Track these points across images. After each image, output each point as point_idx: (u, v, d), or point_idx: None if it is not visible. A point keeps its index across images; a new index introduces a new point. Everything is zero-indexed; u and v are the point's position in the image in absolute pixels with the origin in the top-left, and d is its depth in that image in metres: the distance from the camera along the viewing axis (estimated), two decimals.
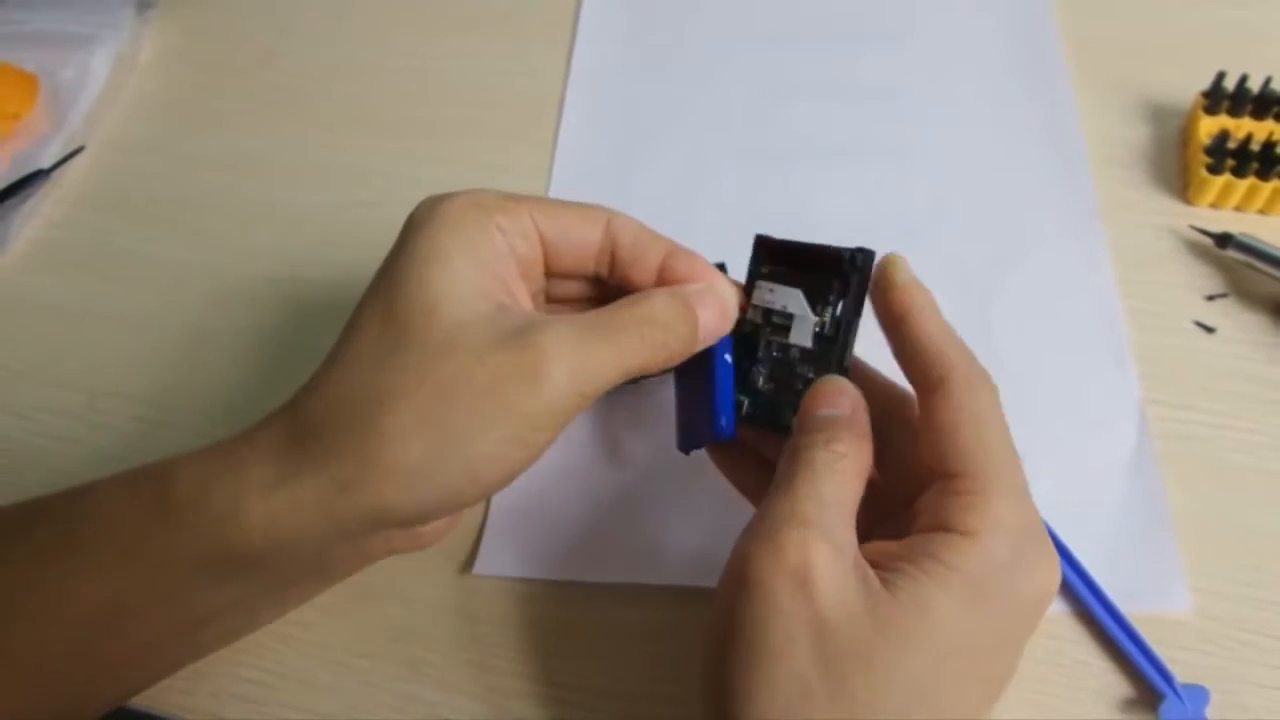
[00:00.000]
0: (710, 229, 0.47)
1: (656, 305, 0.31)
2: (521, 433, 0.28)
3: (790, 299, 0.33)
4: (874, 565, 0.28)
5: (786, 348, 0.33)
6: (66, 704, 0.30)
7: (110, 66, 0.54)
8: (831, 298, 0.32)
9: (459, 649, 0.36)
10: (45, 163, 0.50)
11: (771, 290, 0.33)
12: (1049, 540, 0.28)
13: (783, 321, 0.33)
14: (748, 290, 0.34)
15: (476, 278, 0.30)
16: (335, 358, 0.30)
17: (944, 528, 0.27)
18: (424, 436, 0.28)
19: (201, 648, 0.33)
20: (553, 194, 0.49)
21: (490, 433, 0.28)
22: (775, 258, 0.33)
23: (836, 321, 0.32)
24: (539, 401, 0.28)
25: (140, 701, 0.35)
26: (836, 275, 0.32)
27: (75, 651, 0.29)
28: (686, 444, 0.34)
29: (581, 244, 0.33)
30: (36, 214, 0.50)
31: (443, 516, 0.31)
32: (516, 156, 0.51)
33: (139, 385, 0.44)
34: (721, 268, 0.44)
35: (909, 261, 0.32)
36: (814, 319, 0.32)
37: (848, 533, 0.28)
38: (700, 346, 0.32)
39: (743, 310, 0.33)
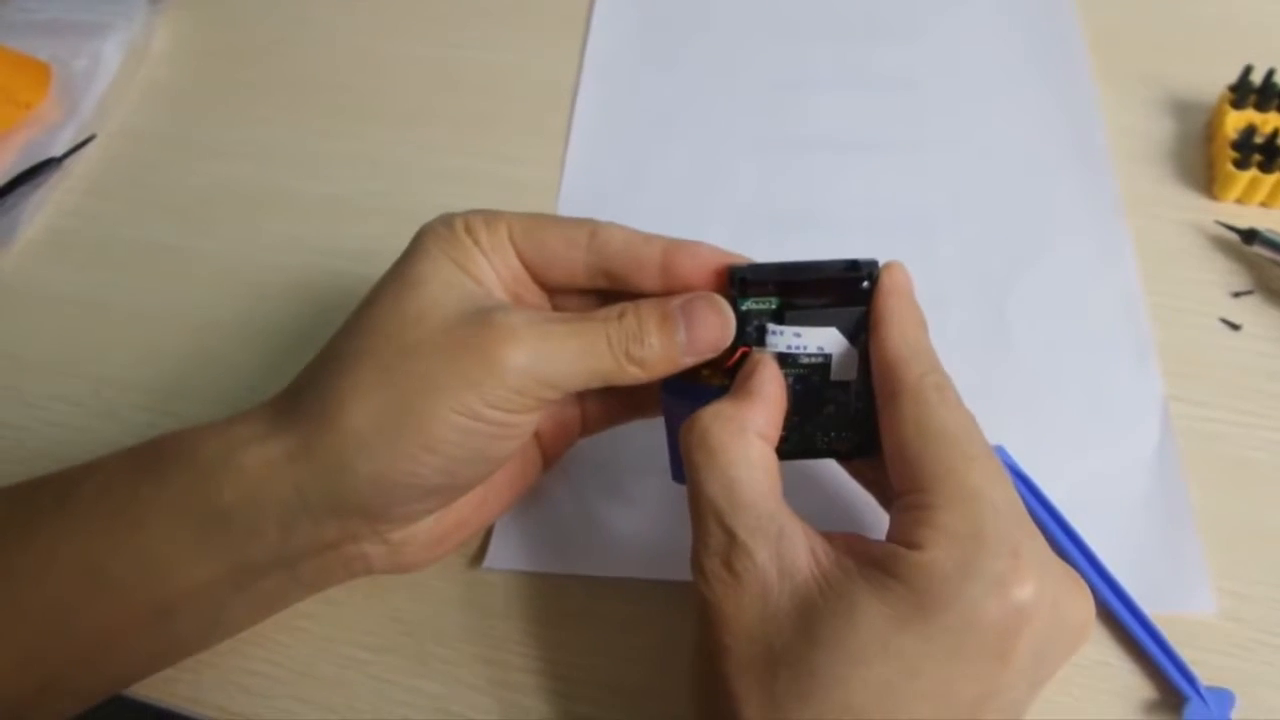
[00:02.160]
0: (725, 222, 0.47)
1: (629, 312, 0.30)
2: (475, 406, 0.28)
3: (823, 338, 0.31)
4: (840, 556, 0.27)
5: (806, 379, 0.31)
6: (40, 684, 0.30)
7: (122, 55, 0.54)
8: (863, 321, 0.30)
9: (468, 643, 0.36)
10: (56, 151, 0.50)
11: (798, 334, 0.31)
12: (1042, 561, 0.26)
13: (815, 362, 0.31)
14: (754, 339, 0.31)
15: (462, 276, 0.31)
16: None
17: (896, 541, 0.27)
18: (379, 397, 0.28)
19: (172, 643, 0.32)
20: (565, 186, 0.48)
21: (443, 399, 0.28)
22: (763, 288, 0.31)
23: (867, 342, 0.31)
24: (493, 375, 0.28)
25: (143, 692, 0.35)
26: (854, 294, 0.30)
27: (51, 624, 0.29)
28: (680, 474, 0.33)
29: (565, 262, 0.32)
30: (47, 203, 0.50)
31: (404, 502, 0.30)
32: (529, 148, 0.50)
33: (146, 375, 0.44)
34: None
35: (905, 269, 0.31)
36: (858, 351, 0.31)
37: (756, 525, 0.27)
38: (688, 363, 0.30)
39: (744, 353, 0.31)
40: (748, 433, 0.28)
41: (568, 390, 0.30)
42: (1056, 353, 0.41)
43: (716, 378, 0.31)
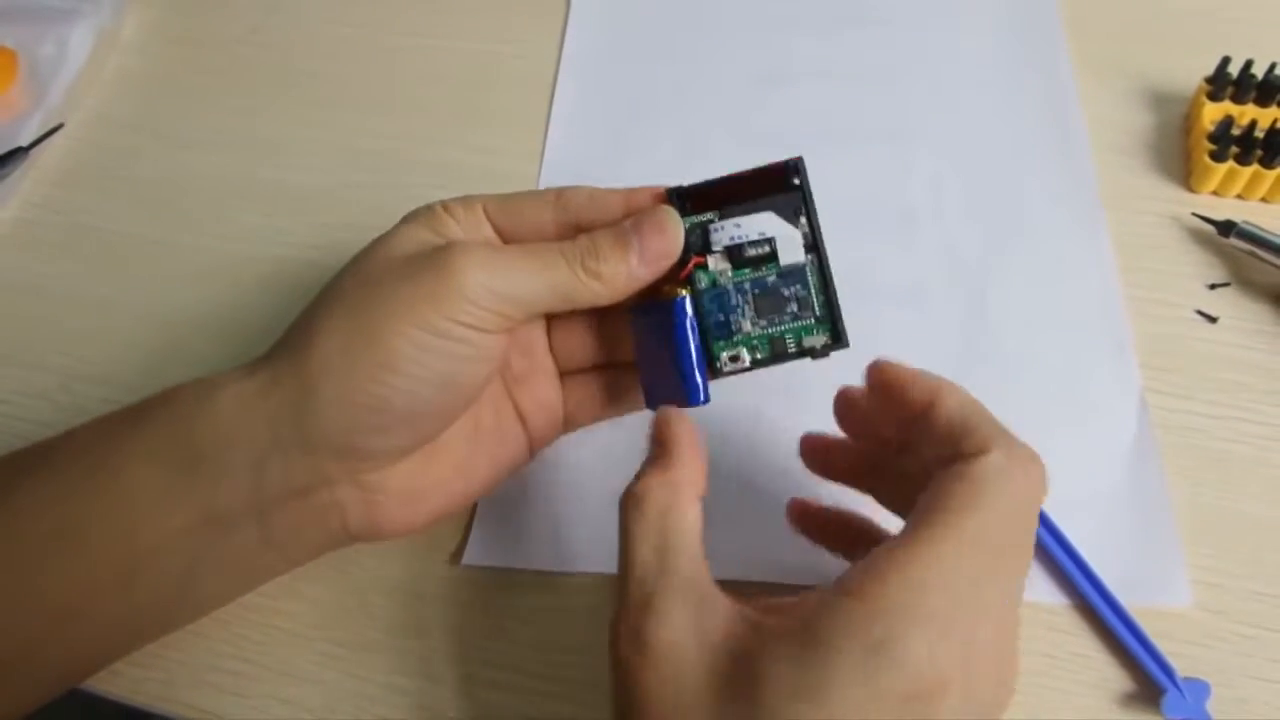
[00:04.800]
0: None
1: (583, 236, 0.32)
2: (434, 320, 0.29)
3: (764, 223, 0.32)
4: (760, 618, 0.26)
5: (763, 280, 0.32)
6: (5, 661, 0.29)
7: (91, 42, 0.53)
8: (799, 206, 0.32)
9: (446, 640, 0.36)
10: (24, 140, 0.49)
11: (737, 224, 0.32)
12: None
13: (761, 250, 0.32)
14: (700, 245, 0.33)
15: (435, 237, 0.32)
16: None
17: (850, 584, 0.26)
18: (344, 327, 0.30)
19: (137, 612, 0.31)
20: (544, 175, 0.48)
21: (401, 315, 0.29)
22: (702, 202, 0.33)
23: (812, 227, 0.32)
24: (451, 289, 0.29)
25: (113, 689, 0.34)
26: (786, 188, 0.32)
27: (20, 587, 0.29)
28: (653, 401, 0.33)
29: (535, 223, 0.33)
30: (14, 193, 0.49)
31: (371, 430, 0.30)
32: (508, 138, 0.49)
33: (116, 369, 0.43)
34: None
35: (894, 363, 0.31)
36: (799, 232, 0.32)
37: (680, 589, 0.26)
38: (643, 277, 0.32)
39: (697, 264, 0.32)
40: (684, 495, 0.28)
41: (530, 308, 0.31)
42: (1035, 345, 0.41)
43: (674, 290, 0.33)
